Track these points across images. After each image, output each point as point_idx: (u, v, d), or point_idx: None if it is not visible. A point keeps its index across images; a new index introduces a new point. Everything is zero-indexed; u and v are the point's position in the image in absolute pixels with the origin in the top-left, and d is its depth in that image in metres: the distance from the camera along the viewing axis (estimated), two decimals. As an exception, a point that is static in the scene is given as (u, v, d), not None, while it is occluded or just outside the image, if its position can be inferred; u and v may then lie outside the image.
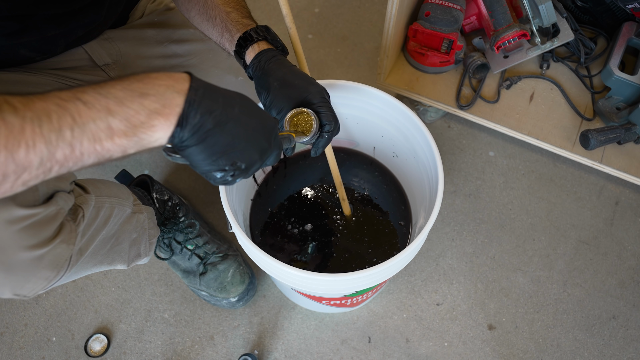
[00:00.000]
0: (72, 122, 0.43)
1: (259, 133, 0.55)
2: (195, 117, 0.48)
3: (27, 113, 0.41)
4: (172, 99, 0.47)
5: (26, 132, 0.40)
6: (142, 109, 0.46)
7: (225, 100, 0.51)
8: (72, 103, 0.43)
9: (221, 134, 0.51)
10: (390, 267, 0.71)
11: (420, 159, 0.86)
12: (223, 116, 0.51)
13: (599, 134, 1.03)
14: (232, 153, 0.53)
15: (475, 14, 1.13)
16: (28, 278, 0.61)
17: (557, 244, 1.12)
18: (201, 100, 0.49)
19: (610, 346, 1.02)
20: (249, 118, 0.54)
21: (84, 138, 0.44)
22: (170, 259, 1.02)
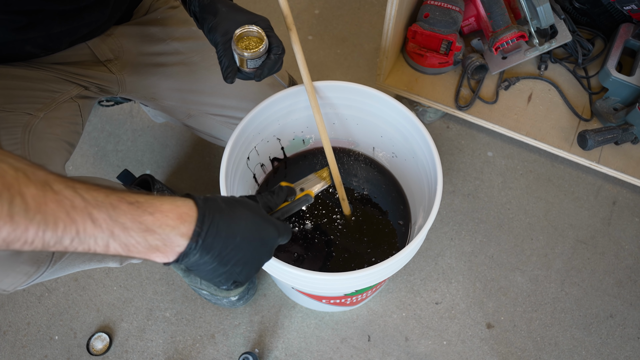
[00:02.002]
0: (75, 235, 0.45)
1: (259, 253, 0.58)
2: (194, 257, 0.51)
3: (37, 216, 0.42)
4: (175, 240, 0.49)
5: (29, 233, 0.42)
6: (144, 242, 0.48)
7: (227, 233, 0.53)
8: (81, 217, 0.45)
9: (219, 265, 0.54)
10: (390, 267, 0.72)
11: (420, 159, 0.87)
12: (222, 252, 0.53)
13: (596, 134, 1.04)
14: (229, 277, 0.56)
15: (474, 16, 1.14)
16: (7, 272, 0.61)
17: (555, 244, 1.13)
18: (203, 241, 0.51)
19: (608, 345, 1.03)
20: (249, 245, 0.56)
21: (80, 247, 0.46)
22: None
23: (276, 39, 0.69)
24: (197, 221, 0.51)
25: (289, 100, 0.85)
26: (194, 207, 0.51)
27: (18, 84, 0.74)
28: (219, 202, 0.54)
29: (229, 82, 0.69)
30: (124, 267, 1.09)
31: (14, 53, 0.75)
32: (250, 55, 0.67)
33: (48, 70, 0.79)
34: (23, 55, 0.76)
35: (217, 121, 0.94)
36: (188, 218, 0.50)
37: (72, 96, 0.80)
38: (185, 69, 0.90)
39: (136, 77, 0.89)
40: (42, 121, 0.73)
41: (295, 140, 0.97)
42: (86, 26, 0.77)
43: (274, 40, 0.69)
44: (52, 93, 0.77)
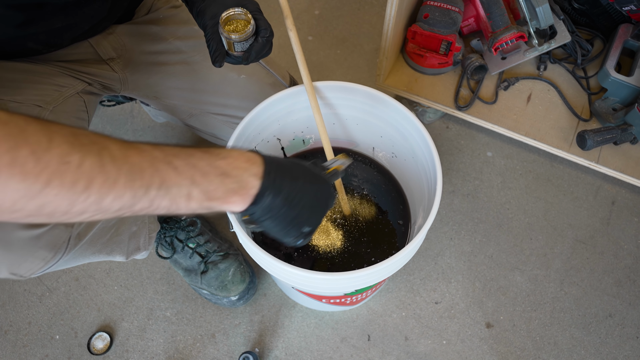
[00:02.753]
0: (160, 183, 0.46)
1: (320, 200, 0.62)
2: (268, 198, 0.54)
3: (124, 166, 0.44)
4: (249, 181, 0.53)
5: (119, 183, 0.44)
6: (222, 186, 0.51)
7: (291, 177, 0.57)
8: (163, 165, 0.47)
9: (289, 209, 0.57)
10: (390, 266, 0.72)
11: (419, 159, 0.87)
12: (290, 194, 0.56)
13: (595, 134, 1.05)
14: (300, 222, 0.59)
15: (474, 16, 1.14)
16: (25, 257, 0.62)
17: (554, 243, 1.13)
18: (273, 182, 0.54)
19: (607, 344, 1.04)
20: (311, 188, 0.60)
21: (165, 198, 0.47)
22: (171, 258, 1.03)
23: (264, 21, 0.69)
24: (264, 163, 0.54)
25: (289, 100, 0.85)
26: (256, 154, 0.55)
27: (25, 77, 0.74)
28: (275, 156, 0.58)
29: (217, 66, 0.69)
30: (124, 267, 1.09)
31: (16, 50, 0.75)
32: (237, 38, 0.66)
33: (52, 66, 0.79)
34: (25, 51, 0.76)
35: (218, 120, 0.94)
36: (256, 161, 0.54)
37: (78, 91, 0.80)
38: (187, 68, 0.90)
39: (138, 76, 0.89)
40: (51, 114, 0.73)
41: (295, 141, 0.97)
42: (87, 21, 0.77)
43: (262, 23, 0.69)
44: (58, 87, 0.77)
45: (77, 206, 0.42)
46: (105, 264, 1.10)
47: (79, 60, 0.83)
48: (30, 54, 0.77)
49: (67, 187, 0.41)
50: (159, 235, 1.00)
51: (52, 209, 0.41)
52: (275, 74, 0.92)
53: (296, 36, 0.75)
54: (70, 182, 0.41)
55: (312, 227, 0.61)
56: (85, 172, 0.41)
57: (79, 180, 0.41)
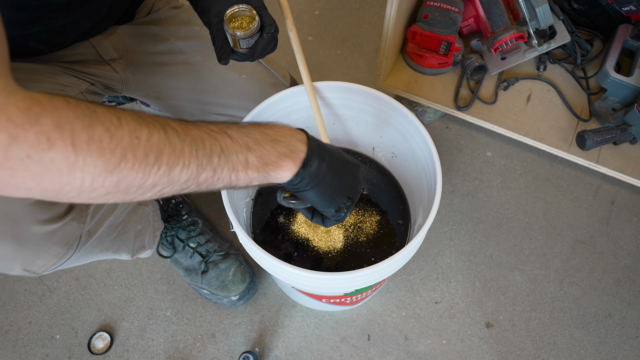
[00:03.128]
0: (220, 151, 0.50)
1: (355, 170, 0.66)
2: (314, 162, 0.58)
3: (187, 137, 0.47)
4: (297, 146, 0.57)
5: (185, 153, 0.47)
6: (274, 150, 0.55)
7: (329, 149, 0.62)
8: (220, 135, 0.51)
9: (334, 175, 0.61)
10: (389, 266, 0.72)
11: (419, 159, 0.87)
12: (333, 161, 0.61)
13: (595, 134, 1.05)
14: (343, 189, 0.63)
15: (473, 16, 1.14)
16: (39, 253, 0.63)
17: (553, 243, 1.14)
18: (317, 149, 0.58)
19: (606, 344, 1.04)
20: (347, 160, 0.64)
21: (226, 166, 0.51)
22: (172, 257, 1.03)
23: (269, 17, 0.70)
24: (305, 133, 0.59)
25: (289, 100, 0.86)
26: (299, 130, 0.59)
27: (28, 76, 0.74)
28: None
29: (223, 64, 0.70)
30: (125, 267, 1.10)
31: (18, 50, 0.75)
32: (242, 35, 0.67)
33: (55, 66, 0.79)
34: (27, 51, 0.76)
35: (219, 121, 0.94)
36: (298, 130, 0.59)
37: (82, 90, 0.81)
38: (189, 69, 0.90)
39: (140, 76, 0.89)
40: None
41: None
42: (88, 19, 0.77)
43: (267, 19, 0.69)
44: (62, 87, 0.78)
45: (150, 178, 0.45)
46: (105, 263, 1.10)
47: (81, 60, 0.83)
48: (32, 54, 0.77)
49: (140, 159, 0.43)
50: (160, 234, 1.01)
51: (128, 183, 0.44)
52: (276, 74, 0.92)
53: (296, 36, 0.75)
54: (142, 154, 0.44)
55: (356, 196, 0.65)
56: (154, 145, 0.44)
57: (150, 153, 0.44)
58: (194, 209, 1.07)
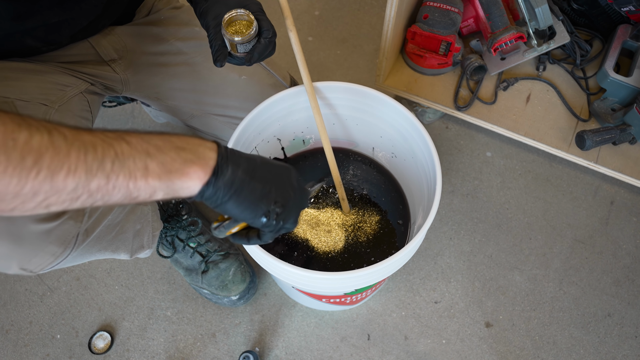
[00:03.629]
0: (114, 156, 0.45)
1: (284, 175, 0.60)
2: (227, 169, 0.53)
3: (75, 142, 0.43)
4: (205, 153, 0.52)
5: (71, 157, 0.43)
6: (178, 157, 0.49)
7: (246, 155, 0.56)
8: (116, 141, 0.46)
9: (253, 181, 0.55)
10: (389, 266, 0.72)
11: (419, 159, 0.87)
12: (250, 167, 0.55)
13: (594, 134, 1.05)
14: (270, 194, 0.57)
15: (473, 17, 1.15)
16: (36, 252, 0.63)
17: (553, 243, 1.14)
18: (229, 156, 0.54)
19: (606, 343, 1.04)
20: (270, 164, 0.59)
21: (121, 172, 0.46)
22: (172, 257, 1.03)
23: (267, 22, 0.69)
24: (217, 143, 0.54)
25: (289, 100, 0.86)
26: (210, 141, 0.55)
27: (29, 76, 0.74)
28: None
29: (218, 66, 0.69)
30: (125, 267, 1.10)
31: (15, 48, 0.75)
32: (239, 39, 0.66)
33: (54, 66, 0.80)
34: (25, 50, 0.77)
35: (219, 121, 0.94)
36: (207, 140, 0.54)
37: (82, 90, 0.81)
38: (188, 69, 0.90)
39: (140, 77, 0.90)
40: (57, 113, 0.73)
41: (295, 141, 0.98)
42: (84, 16, 0.76)
43: (265, 24, 0.68)
44: (62, 86, 0.78)
45: (28, 184, 0.41)
46: (106, 263, 1.10)
47: (81, 61, 0.83)
48: (31, 52, 0.78)
49: (14, 162, 0.39)
50: (160, 234, 1.01)
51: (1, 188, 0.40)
52: (276, 74, 0.92)
53: (296, 37, 0.75)
54: (18, 157, 0.40)
55: (284, 201, 0.58)
56: (33, 148, 0.40)
57: (27, 155, 0.40)
58: (194, 209, 1.08)
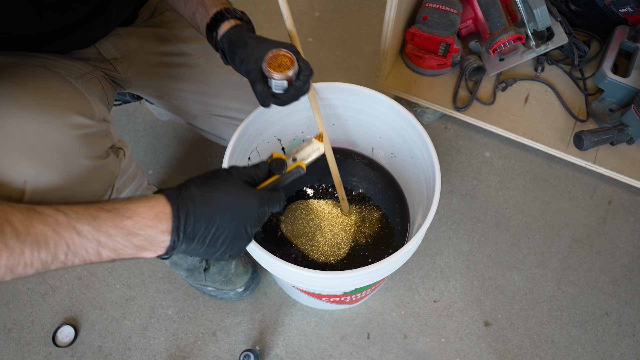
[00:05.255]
0: (67, 249, 0.49)
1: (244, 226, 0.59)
2: (181, 247, 0.55)
3: (28, 238, 0.47)
4: (158, 238, 0.53)
5: (25, 255, 0.47)
6: (130, 245, 0.52)
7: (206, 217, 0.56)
8: (67, 232, 0.49)
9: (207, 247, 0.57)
10: (389, 265, 0.73)
11: (418, 160, 0.88)
12: (205, 236, 0.56)
13: (592, 135, 1.06)
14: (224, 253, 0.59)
15: (472, 18, 1.15)
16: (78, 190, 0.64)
17: (551, 243, 1.15)
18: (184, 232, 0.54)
19: (604, 342, 1.05)
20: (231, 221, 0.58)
21: (76, 259, 0.50)
22: (171, 259, 1.04)
23: (305, 62, 0.71)
24: (172, 217, 0.54)
25: (290, 101, 0.86)
26: (167, 204, 0.55)
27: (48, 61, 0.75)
28: (192, 189, 0.57)
29: (266, 107, 0.71)
30: (126, 266, 1.10)
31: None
32: (281, 77, 0.68)
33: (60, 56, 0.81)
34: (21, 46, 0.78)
35: (220, 122, 0.95)
36: (164, 216, 0.54)
37: (96, 75, 0.82)
38: (190, 71, 0.91)
39: (142, 77, 0.90)
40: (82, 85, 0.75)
41: (295, 141, 0.98)
42: (90, 41, 0.80)
43: (303, 64, 0.70)
44: (78, 68, 0.79)
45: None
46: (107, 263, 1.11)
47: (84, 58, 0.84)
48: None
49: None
50: None
51: None
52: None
53: (296, 38, 0.76)
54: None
55: (237, 254, 0.61)
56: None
57: None
58: None
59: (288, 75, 0.68)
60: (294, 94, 0.70)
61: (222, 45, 0.74)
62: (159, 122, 1.29)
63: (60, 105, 0.61)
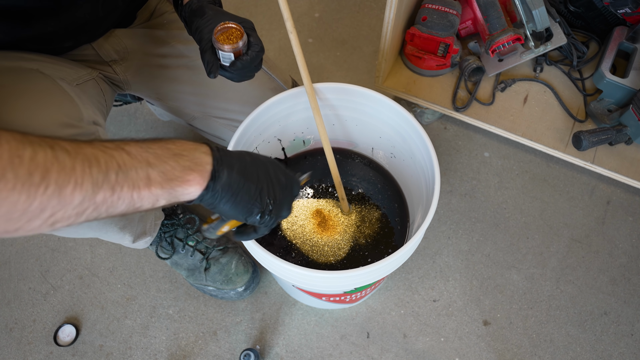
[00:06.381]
0: (118, 168, 0.47)
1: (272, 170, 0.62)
2: (224, 173, 0.55)
3: (79, 155, 0.44)
4: (201, 158, 0.54)
5: (77, 171, 0.43)
6: (177, 165, 0.52)
7: (237, 154, 0.59)
8: (117, 152, 0.48)
9: (247, 181, 0.58)
10: (388, 265, 0.73)
11: (418, 160, 0.88)
12: (242, 167, 0.58)
13: (590, 135, 1.06)
14: (262, 194, 0.59)
15: (471, 19, 1.16)
16: None
17: (550, 242, 1.15)
18: (224, 158, 0.56)
19: (602, 341, 1.05)
20: (259, 162, 0.61)
21: (125, 184, 0.47)
22: (172, 259, 1.04)
23: (256, 37, 0.72)
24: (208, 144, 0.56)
25: (290, 101, 0.87)
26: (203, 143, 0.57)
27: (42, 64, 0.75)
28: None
29: (211, 77, 0.72)
30: (127, 266, 1.11)
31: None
32: (228, 48, 0.69)
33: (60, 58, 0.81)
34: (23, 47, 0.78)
35: (220, 124, 0.95)
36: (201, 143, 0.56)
37: (94, 77, 0.82)
38: (189, 73, 0.91)
39: (140, 79, 0.91)
40: (77, 89, 0.75)
41: (295, 141, 0.99)
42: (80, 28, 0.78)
43: (254, 39, 0.72)
44: (75, 70, 0.79)
45: (37, 200, 0.41)
46: (109, 262, 1.12)
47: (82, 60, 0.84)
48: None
49: (22, 178, 0.40)
50: (159, 235, 1.02)
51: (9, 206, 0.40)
52: (277, 78, 0.93)
53: (296, 38, 0.76)
54: (25, 173, 0.40)
55: (276, 198, 0.61)
56: (39, 164, 0.41)
57: (34, 172, 0.40)
58: (188, 209, 1.09)
59: (235, 48, 0.69)
60: (240, 67, 0.71)
61: (184, 14, 0.75)
62: (160, 122, 1.30)
63: (46, 108, 0.62)
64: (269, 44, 1.40)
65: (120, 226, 0.84)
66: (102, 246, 1.14)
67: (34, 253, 1.13)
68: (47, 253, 1.13)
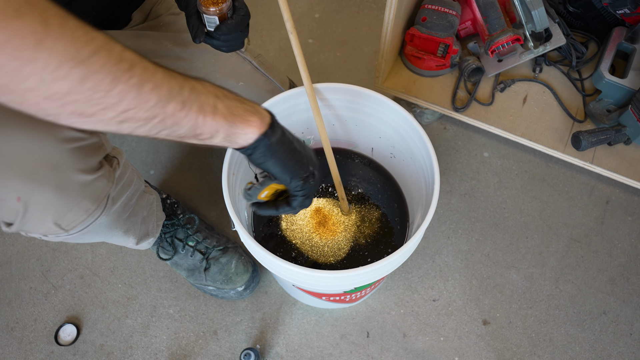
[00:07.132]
0: (191, 88, 0.49)
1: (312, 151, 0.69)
2: (278, 129, 0.60)
3: (159, 68, 0.46)
4: (261, 110, 0.58)
5: (157, 75, 0.45)
6: (241, 106, 0.55)
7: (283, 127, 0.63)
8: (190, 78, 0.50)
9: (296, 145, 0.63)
10: (388, 264, 0.74)
11: (417, 160, 0.89)
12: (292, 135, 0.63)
13: (590, 135, 1.07)
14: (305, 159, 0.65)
15: (470, 19, 1.16)
16: (72, 206, 0.64)
17: (549, 242, 1.15)
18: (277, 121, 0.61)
19: (601, 341, 1.06)
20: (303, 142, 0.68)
21: (195, 104, 0.50)
22: (172, 259, 1.04)
23: (241, 2, 0.73)
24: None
25: (290, 102, 0.87)
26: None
27: None
28: None
29: (197, 42, 0.73)
30: (128, 265, 1.11)
31: None
32: (213, 10, 0.69)
33: None
34: None
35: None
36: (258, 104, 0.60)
37: None
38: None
39: None
40: None
41: (296, 141, 0.99)
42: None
43: (239, 3, 0.72)
44: None
45: (120, 86, 0.42)
46: (109, 262, 1.12)
47: None
48: None
49: (113, 60, 0.41)
50: (160, 236, 1.02)
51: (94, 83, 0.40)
52: (275, 80, 0.93)
53: (296, 39, 0.77)
54: (116, 58, 0.41)
55: (314, 166, 0.66)
56: (127, 57, 0.43)
57: (123, 60, 0.42)
58: (187, 209, 1.10)
59: (219, 11, 0.70)
60: (225, 32, 0.72)
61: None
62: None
63: None
64: (269, 45, 1.40)
65: (124, 230, 0.84)
66: (103, 246, 1.14)
67: (35, 253, 1.13)
68: (48, 253, 1.13)
